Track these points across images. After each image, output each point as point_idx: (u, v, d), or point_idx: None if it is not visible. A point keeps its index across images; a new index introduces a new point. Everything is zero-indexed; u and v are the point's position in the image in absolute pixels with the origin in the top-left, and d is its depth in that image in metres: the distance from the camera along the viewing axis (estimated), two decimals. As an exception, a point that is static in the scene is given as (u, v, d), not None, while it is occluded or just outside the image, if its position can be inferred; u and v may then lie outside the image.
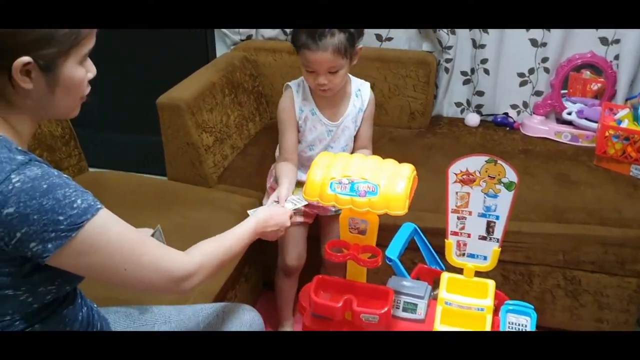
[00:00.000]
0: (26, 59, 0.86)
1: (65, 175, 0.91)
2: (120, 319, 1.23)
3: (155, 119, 1.95)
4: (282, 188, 1.50)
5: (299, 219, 1.75)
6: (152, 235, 1.28)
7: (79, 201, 0.89)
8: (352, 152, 1.71)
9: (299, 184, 1.70)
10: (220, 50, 2.59)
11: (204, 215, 1.78)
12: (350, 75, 1.67)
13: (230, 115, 2.13)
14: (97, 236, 0.91)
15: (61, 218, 0.86)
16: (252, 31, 2.48)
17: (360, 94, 1.67)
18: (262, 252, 1.94)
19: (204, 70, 2.17)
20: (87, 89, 0.98)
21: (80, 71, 0.94)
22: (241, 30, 2.46)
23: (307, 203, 1.52)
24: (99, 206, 0.92)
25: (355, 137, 1.72)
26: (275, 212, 1.32)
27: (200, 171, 1.99)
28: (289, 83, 1.66)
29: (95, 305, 1.18)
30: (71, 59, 0.91)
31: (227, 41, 2.55)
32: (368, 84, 1.70)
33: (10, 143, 0.90)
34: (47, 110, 0.96)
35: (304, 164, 1.70)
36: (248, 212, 1.33)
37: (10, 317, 0.94)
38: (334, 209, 1.71)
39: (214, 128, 2.03)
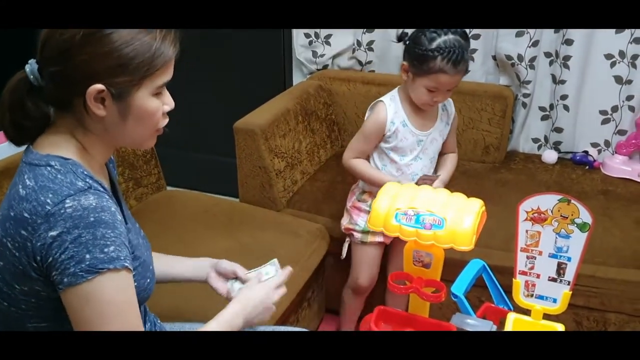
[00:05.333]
0: (99, 86, 0.88)
1: (120, 219, 0.90)
2: (183, 335, 1.25)
3: (232, 142, 2.02)
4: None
5: (379, 238, 1.74)
6: (265, 266, 1.25)
7: (111, 248, 0.87)
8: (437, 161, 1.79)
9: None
10: (297, 79, 2.66)
11: (270, 237, 1.81)
12: None
13: (302, 142, 2.18)
14: (104, 291, 0.87)
15: (87, 256, 0.85)
16: (329, 61, 2.52)
17: (446, 108, 1.73)
18: (327, 277, 1.95)
19: (280, 97, 2.24)
20: (164, 121, 0.97)
21: (153, 102, 0.94)
22: (318, 60, 2.52)
23: None
24: (127, 265, 0.89)
25: (442, 145, 1.77)
26: (252, 295, 1.16)
27: (270, 194, 2.03)
28: (382, 99, 1.67)
29: (159, 321, 1.20)
30: (143, 89, 0.91)
31: (303, 70, 2.61)
32: (451, 100, 1.75)
33: (77, 167, 0.92)
34: (119, 138, 0.97)
35: (401, 169, 1.70)
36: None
37: None
38: None
39: (286, 153, 2.07)
